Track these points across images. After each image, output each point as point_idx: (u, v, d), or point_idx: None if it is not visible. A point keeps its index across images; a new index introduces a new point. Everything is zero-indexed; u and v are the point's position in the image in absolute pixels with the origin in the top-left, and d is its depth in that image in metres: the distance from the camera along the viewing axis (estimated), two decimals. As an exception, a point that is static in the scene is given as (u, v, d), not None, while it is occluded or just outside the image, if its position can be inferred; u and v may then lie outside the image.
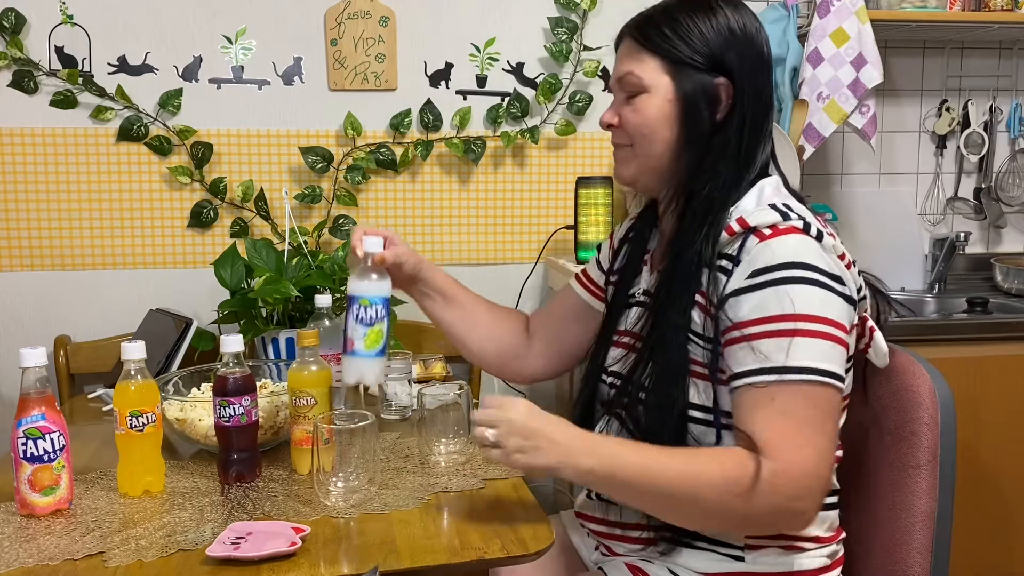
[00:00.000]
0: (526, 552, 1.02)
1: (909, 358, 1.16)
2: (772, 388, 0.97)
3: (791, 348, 0.96)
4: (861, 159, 2.37)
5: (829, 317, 0.98)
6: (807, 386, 0.96)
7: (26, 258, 2.04)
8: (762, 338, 0.98)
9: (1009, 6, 2.14)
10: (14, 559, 1.01)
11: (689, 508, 0.99)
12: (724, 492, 0.95)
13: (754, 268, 1.00)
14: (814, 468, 0.96)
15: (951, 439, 1.12)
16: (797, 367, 0.96)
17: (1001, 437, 1.81)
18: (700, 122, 1.08)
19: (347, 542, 1.05)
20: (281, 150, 2.11)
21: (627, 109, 1.12)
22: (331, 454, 1.14)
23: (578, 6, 2.13)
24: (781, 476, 0.94)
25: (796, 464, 0.95)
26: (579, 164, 2.22)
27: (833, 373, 0.97)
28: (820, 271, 0.98)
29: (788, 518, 0.99)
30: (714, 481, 0.95)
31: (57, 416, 1.14)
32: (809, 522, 1.01)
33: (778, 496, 0.94)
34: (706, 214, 1.06)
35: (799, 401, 0.96)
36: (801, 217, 1.03)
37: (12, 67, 1.97)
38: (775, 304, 0.98)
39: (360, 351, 1.17)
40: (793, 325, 0.97)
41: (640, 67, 1.10)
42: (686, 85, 1.08)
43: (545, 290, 2.25)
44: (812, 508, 0.98)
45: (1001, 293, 2.17)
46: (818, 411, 0.97)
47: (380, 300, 1.18)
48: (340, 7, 2.07)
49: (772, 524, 1.01)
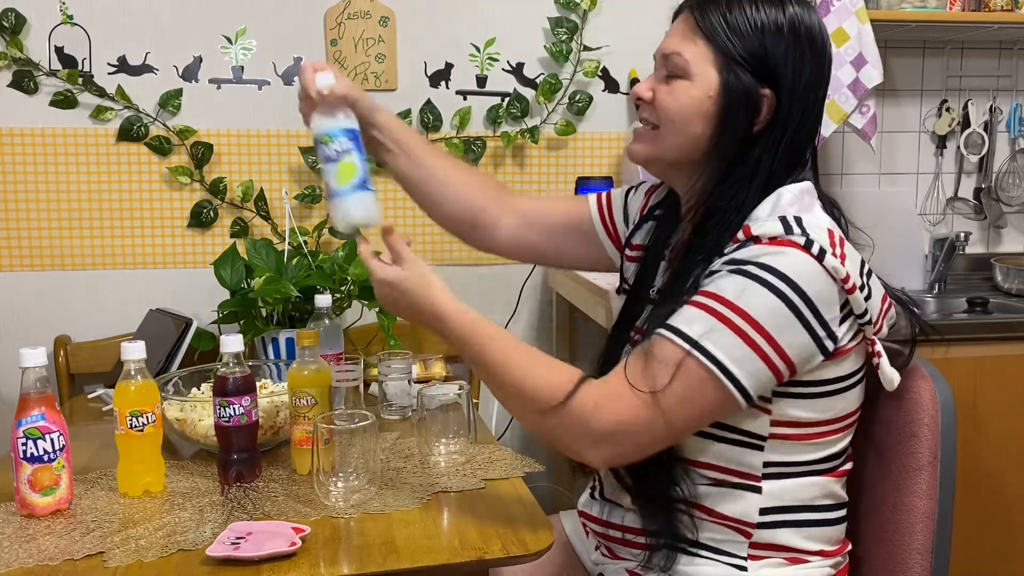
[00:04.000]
0: (526, 552, 1.02)
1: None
2: (660, 343, 0.96)
3: (711, 329, 0.94)
4: (861, 159, 2.37)
5: (773, 336, 0.93)
6: (696, 365, 0.94)
7: (26, 258, 2.04)
8: (692, 304, 0.96)
9: (1009, 6, 2.14)
10: (14, 559, 1.01)
11: (506, 388, 1.04)
12: (540, 389, 1.00)
13: (734, 258, 0.97)
14: (636, 426, 0.97)
15: (951, 439, 1.11)
16: (702, 347, 0.93)
17: (1001, 437, 1.81)
18: (735, 128, 1.03)
19: (347, 542, 1.05)
20: (281, 150, 2.11)
21: (664, 89, 1.06)
22: (331, 454, 1.14)
23: (578, 6, 2.13)
24: (601, 410, 0.97)
25: (626, 411, 0.96)
26: (579, 164, 2.22)
27: (732, 374, 0.94)
28: (799, 292, 0.93)
29: (579, 447, 1.01)
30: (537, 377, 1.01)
31: (57, 416, 1.14)
32: (593, 463, 1.05)
33: (583, 422, 0.97)
34: (724, 229, 1.02)
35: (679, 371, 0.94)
36: (804, 233, 0.96)
37: (12, 67, 1.97)
38: (728, 287, 0.95)
39: (336, 190, 1.12)
40: (727, 313, 0.93)
41: (690, 50, 1.03)
42: (732, 85, 1.02)
43: (545, 290, 2.25)
44: (605, 456, 1.01)
45: (1001, 293, 2.17)
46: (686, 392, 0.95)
47: (340, 132, 1.13)
48: (340, 7, 2.07)
49: (561, 442, 1.02)
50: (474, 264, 2.21)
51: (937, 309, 2.18)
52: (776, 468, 1.03)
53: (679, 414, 0.96)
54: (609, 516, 1.16)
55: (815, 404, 1.02)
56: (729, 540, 1.06)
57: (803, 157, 1.07)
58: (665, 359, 0.95)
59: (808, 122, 1.05)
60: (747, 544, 1.05)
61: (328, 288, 1.77)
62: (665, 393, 0.95)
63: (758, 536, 1.05)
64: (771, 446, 1.03)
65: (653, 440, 0.99)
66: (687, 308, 0.97)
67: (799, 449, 1.03)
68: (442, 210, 1.32)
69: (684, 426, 0.98)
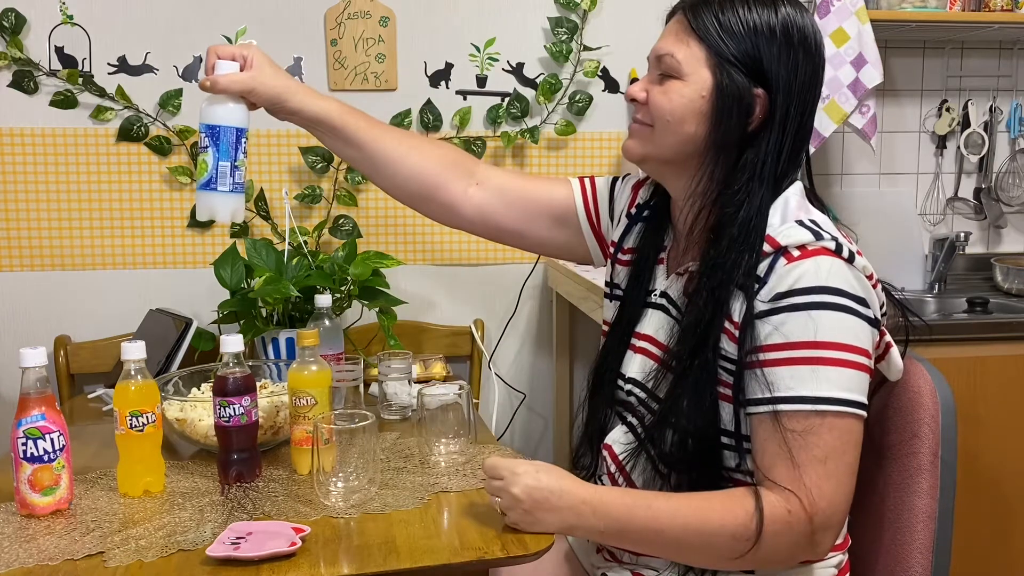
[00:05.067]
0: (526, 552, 1.02)
1: (909, 358, 1.15)
2: (790, 418, 0.94)
3: (815, 377, 0.94)
4: (861, 159, 2.37)
5: (856, 345, 0.95)
6: (832, 417, 0.94)
7: (26, 258, 2.04)
8: (780, 364, 0.95)
9: (1009, 6, 2.14)
10: (14, 559, 1.01)
11: (703, 556, 1.00)
12: (733, 538, 0.95)
13: (777, 291, 0.96)
14: (832, 503, 0.95)
15: (952, 439, 1.11)
16: (822, 397, 0.94)
17: (1001, 437, 1.81)
18: (728, 128, 1.03)
19: (347, 542, 1.05)
20: (281, 150, 2.11)
21: (657, 90, 1.06)
22: (331, 454, 1.14)
23: (578, 6, 2.13)
24: (797, 515, 0.93)
25: (815, 501, 0.94)
26: (579, 164, 2.22)
27: (859, 403, 0.95)
28: (848, 295, 0.95)
29: (805, 553, 0.98)
30: (723, 528, 0.95)
31: (57, 416, 1.14)
32: (824, 553, 1.00)
33: (794, 534, 0.94)
34: (744, 241, 1.01)
35: (823, 432, 0.94)
36: (834, 238, 0.98)
37: (12, 67, 1.97)
38: (798, 330, 0.95)
39: (198, 182, 1.19)
40: (817, 353, 0.94)
41: (683, 51, 1.04)
42: (725, 85, 1.02)
43: (545, 290, 2.25)
44: (830, 541, 0.98)
45: (1001, 293, 2.17)
46: (841, 443, 0.95)
47: (203, 127, 1.18)
48: (340, 7, 2.07)
49: (790, 559, 0.99)
50: (474, 264, 2.21)
51: (937, 309, 2.18)
52: None
53: (846, 462, 0.96)
54: None
55: None
56: None
57: (800, 158, 1.08)
58: (804, 432, 0.94)
59: (804, 122, 1.06)
60: None
61: (328, 288, 1.77)
62: (827, 459, 0.94)
63: None
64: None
65: (843, 507, 0.98)
66: (784, 369, 0.95)
67: None
68: (394, 188, 1.28)
69: (854, 470, 0.98)
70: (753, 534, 0.94)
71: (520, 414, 2.25)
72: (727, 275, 1.00)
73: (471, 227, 1.31)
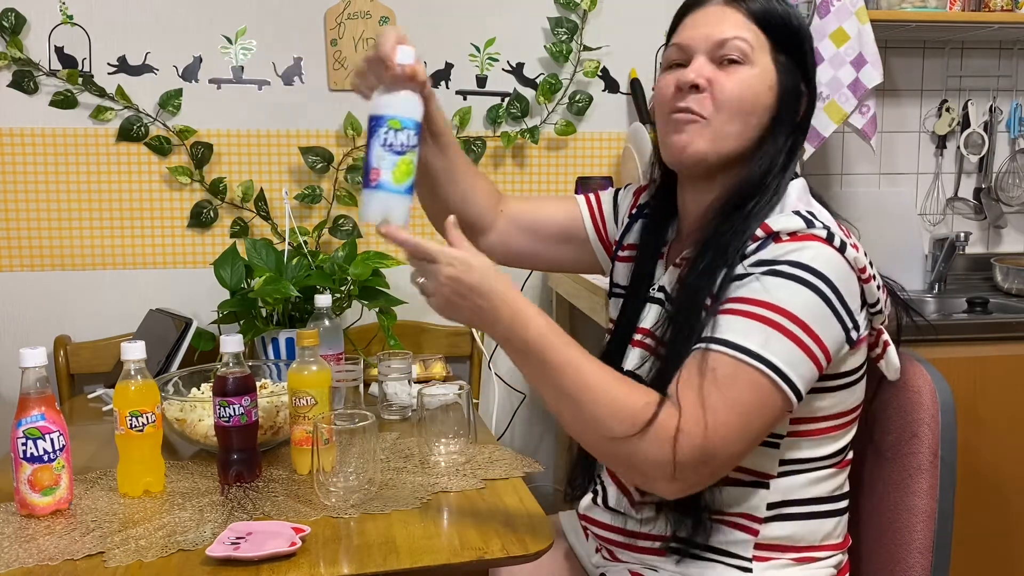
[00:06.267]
0: (526, 552, 1.02)
1: (909, 358, 1.15)
2: (719, 359, 0.92)
3: (762, 336, 0.92)
4: (861, 159, 2.37)
5: (814, 329, 0.93)
6: (759, 375, 0.91)
7: (26, 258, 2.04)
8: (732, 314, 0.94)
9: (1009, 6, 2.14)
10: (14, 559, 1.01)
11: (582, 420, 0.95)
12: (616, 418, 0.92)
13: (759, 259, 0.96)
14: (719, 450, 0.91)
15: (952, 439, 1.12)
16: (760, 355, 0.91)
17: (1001, 437, 1.81)
18: (788, 122, 1.03)
19: (347, 542, 1.05)
20: (281, 150, 2.11)
21: (723, 75, 1.01)
22: (331, 454, 1.14)
23: (578, 6, 2.13)
24: (688, 439, 0.89)
25: (709, 438, 0.90)
26: (579, 164, 2.22)
27: (791, 381, 0.92)
28: (829, 283, 0.94)
29: (660, 477, 0.93)
30: (615, 403, 0.92)
31: (57, 416, 1.14)
32: (679, 493, 0.95)
33: (664, 452, 0.90)
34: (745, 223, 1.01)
35: (745, 386, 0.91)
36: (826, 226, 0.97)
37: (12, 67, 1.97)
38: (765, 292, 0.93)
39: (387, 184, 0.99)
40: (774, 317, 0.92)
41: (751, 36, 1.01)
42: (785, 78, 1.02)
43: (545, 290, 2.25)
44: (692, 482, 0.94)
45: (1001, 293, 2.17)
46: (755, 404, 0.92)
47: (412, 124, 1.00)
48: (340, 7, 2.07)
49: (649, 473, 0.93)
50: (474, 264, 2.21)
51: (937, 309, 2.18)
52: (790, 466, 1.04)
53: (752, 428, 0.93)
54: (613, 522, 1.14)
55: (833, 398, 1.02)
56: (735, 541, 1.05)
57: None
58: (727, 376, 0.92)
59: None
60: (752, 544, 1.05)
61: (328, 288, 1.77)
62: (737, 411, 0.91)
63: (764, 533, 1.04)
64: (786, 444, 1.03)
65: (727, 463, 0.95)
66: (734, 319, 0.93)
67: (812, 445, 1.04)
68: (446, 206, 1.23)
69: (754, 441, 0.96)
70: (641, 424, 0.90)
71: (520, 414, 2.25)
72: (721, 254, 1.00)
73: (490, 254, 1.29)
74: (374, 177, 0.99)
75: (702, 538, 1.05)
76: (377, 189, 0.99)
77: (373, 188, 0.99)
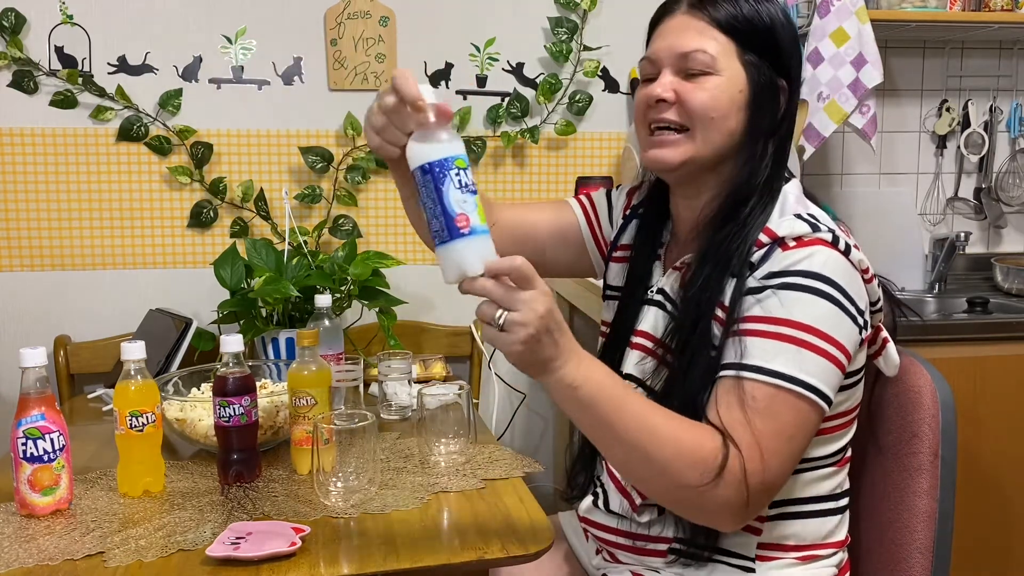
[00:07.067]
0: (526, 552, 1.02)
1: (909, 358, 1.15)
2: (757, 387, 0.93)
3: (788, 355, 0.93)
4: (861, 159, 2.37)
5: (834, 336, 0.94)
6: (796, 398, 0.93)
7: (26, 258, 2.04)
8: (757, 336, 0.95)
9: (1009, 6, 2.14)
10: (14, 559, 1.01)
11: (647, 467, 0.92)
12: (690, 467, 0.90)
13: (770, 271, 0.97)
14: (776, 481, 0.93)
15: (952, 439, 1.12)
16: (794, 377, 0.93)
17: (1001, 437, 1.81)
18: (766, 121, 1.04)
19: (347, 542, 1.05)
20: (281, 150, 2.11)
21: (689, 87, 1.03)
22: (331, 454, 1.14)
23: (578, 6, 2.13)
24: (753, 478, 0.91)
25: (768, 471, 0.91)
26: (579, 164, 2.22)
27: (825, 394, 0.94)
28: (838, 288, 0.95)
29: (731, 518, 0.94)
30: (685, 451, 0.90)
31: (57, 416, 1.14)
32: (732, 528, 0.97)
33: (739, 494, 0.90)
34: (744, 228, 1.01)
35: (786, 410, 0.93)
36: (831, 230, 0.99)
37: (12, 67, 1.97)
38: (781, 307, 0.94)
39: (478, 227, 0.88)
40: (795, 333, 0.93)
41: (713, 46, 1.02)
42: (758, 77, 1.03)
43: (545, 290, 2.25)
44: (748, 518, 0.96)
45: (1001, 293, 2.17)
46: (797, 425, 0.94)
47: (467, 158, 0.91)
48: (340, 7, 2.07)
49: (712, 515, 0.94)
50: (474, 264, 2.21)
51: (937, 309, 2.18)
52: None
53: (798, 448, 0.95)
54: (614, 524, 1.14)
55: (839, 396, 1.02)
56: (738, 541, 1.05)
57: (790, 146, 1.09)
58: (768, 403, 0.93)
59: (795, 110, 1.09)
60: (755, 544, 1.05)
61: (328, 288, 1.77)
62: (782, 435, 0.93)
63: (767, 532, 1.05)
64: None
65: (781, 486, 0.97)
66: (761, 341, 0.94)
67: (815, 445, 1.03)
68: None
69: (797, 459, 0.97)
70: (714, 470, 0.89)
71: (520, 414, 2.25)
72: (724, 263, 1.01)
73: None
74: (463, 225, 0.87)
75: (705, 540, 1.05)
76: (471, 236, 0.88)
77: (466, 236, 0.87)
